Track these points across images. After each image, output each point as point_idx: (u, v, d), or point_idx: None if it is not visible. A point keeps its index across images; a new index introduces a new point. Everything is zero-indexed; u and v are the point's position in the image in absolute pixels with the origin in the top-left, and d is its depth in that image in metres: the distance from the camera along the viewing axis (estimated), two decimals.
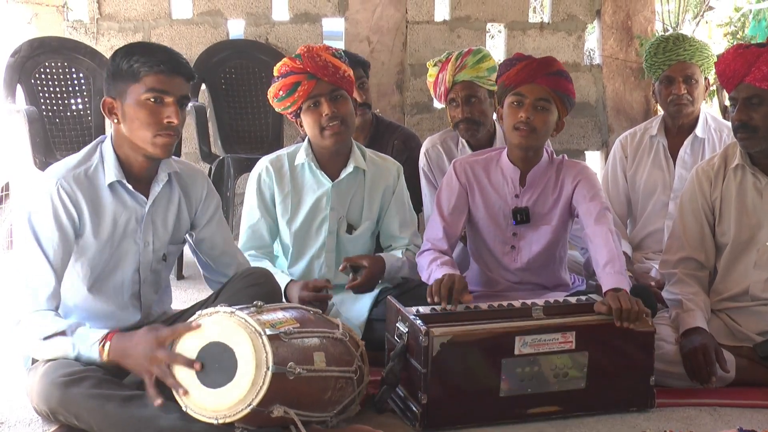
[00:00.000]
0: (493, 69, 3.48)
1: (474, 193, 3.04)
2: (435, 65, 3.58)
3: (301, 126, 3.01)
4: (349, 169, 3.04)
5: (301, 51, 2.94)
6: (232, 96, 4.92)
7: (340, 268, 2.97)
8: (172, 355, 2.21)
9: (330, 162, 3.05)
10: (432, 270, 2.85)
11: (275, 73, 2.97)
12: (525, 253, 3.02)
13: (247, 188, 3.11)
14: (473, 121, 3.49)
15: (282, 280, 2.91)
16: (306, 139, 3.07)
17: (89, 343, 2.33)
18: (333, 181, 3.04)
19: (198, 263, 2.84)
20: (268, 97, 3.01)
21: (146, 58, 2.43)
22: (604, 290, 2.66)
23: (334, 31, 5.56)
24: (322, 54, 2.93)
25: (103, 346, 2.31)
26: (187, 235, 2.73)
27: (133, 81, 2.44)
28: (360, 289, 2.97)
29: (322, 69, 2.91)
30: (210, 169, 4.54)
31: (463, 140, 3.60)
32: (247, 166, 4.41)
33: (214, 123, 4.85)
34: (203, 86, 4.89)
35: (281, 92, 2.94)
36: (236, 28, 5.23)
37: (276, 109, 3.02)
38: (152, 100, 2.42)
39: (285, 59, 2.97)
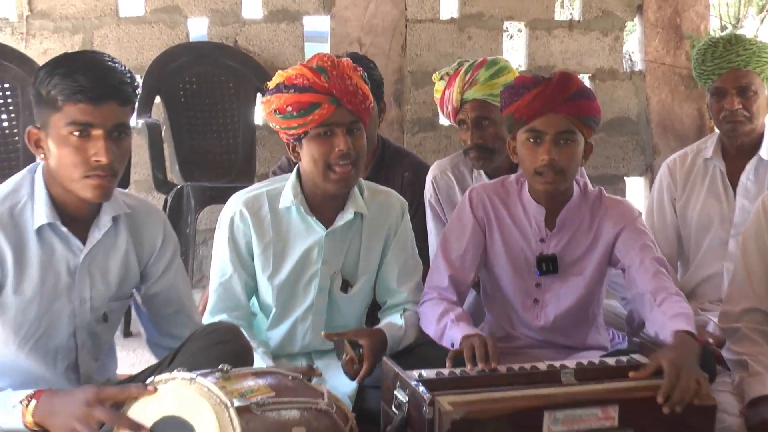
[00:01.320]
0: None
1: (492, 231, 3.05)
2: (441, 79, 3.60)
3: (295, 152, 2.97)
4: (348, 215, 3.00)
5: (325, 64, 2.88)
6: (193, 110, 4.96)
7: (324, 335, 2.90)
8: (115, 415, 2.18)
9: (324, 205, 3.02)
10: (446, 326, 2.85)
11: (283, 80, 2.90)
12: (551, 309, 3.03)
13: (216, 235, 3.07)
14: (486, 148, 3.50)
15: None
16: (295, 173, 3.03)
17: (9, 405, 2.28)
18: (327, 228, 3.01)
19: (141, 324, 2.82)
20: (266, 107, 2.94)
21: (65, 83, 2.35)
22: (659, 331, 2.68)
23: (317, 31, 5.61)
24: (352, 76, 2.90)
25: (27, 405, 2.26)
26: (135, 289, 2.72)
27: (54, 110, 2.38)
28: (359, 374, 2.85)
29: (350, 95, 2.87)
30: (166, 200, 4.57)
31: None
32: (212, 196, 4.43)
33: (171, 144, 4.88)
34: (157, 98, 4.92)
35: (290, 109, 2.87)
36: (198, 28, 5.27)
37: (272, 125, 2.97)
38: (76, 134, 2.37)
39: (301, 68, 2.90)
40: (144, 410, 2.21)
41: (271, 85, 2.92)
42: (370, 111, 2.96)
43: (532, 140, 2.88)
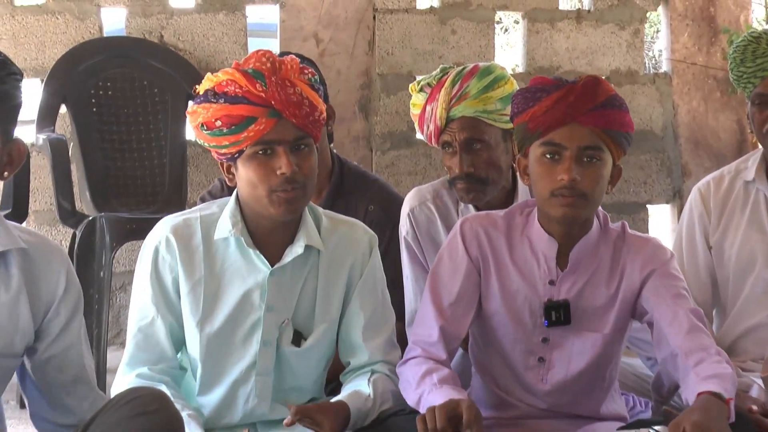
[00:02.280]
0: (510, 98, 3.36)
1: (489, 272, 3.06)
2: (421, 91, 3.55)
3: (230, 174, 2.99)
4: (297, 249, 3.00)
5: (261, 66, 2.88)
6: (108, 123, 4.96)
7: (286, 421, 2.88)
8: None
9: (270, 236, 3.01)
10: (425, 390, 2.85)
11: (213, 86, 2.90)
12: (559, 370, 3.04)
13: (137, 270, 3.06)
14: (477, 178, 3.46)
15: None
16: (234, 198, 3.03)
17: None
18: (273, 265, 3.02)
19: (24, 393, 2.79)
20: (192, 119, 2.95)
21: None
22: (689, 397, 2.70)
23: (264, 23, 5.63)
24: (295, 80, 2.90)
25: None
26: (25, 350, 2.69)
27: None
28: None
29: (293, 106, 2.87)
30: (74, 235, 4.55)
31: None
32: (132, 230, 4.41)
33: (81, 165, 4.88)
34: (63, 108, 4.92)
35: (220, 124, 2.88)
36: (114, 20, 5.29)
37: (201, 143, 2.99)
38: None
39: (233, 72, 2.90)
40: None
41: (200, 90, 2.93)
42: (322, 124, 2.98)
43: (549, 156, 2.89)
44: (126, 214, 4.64)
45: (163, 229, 3.03)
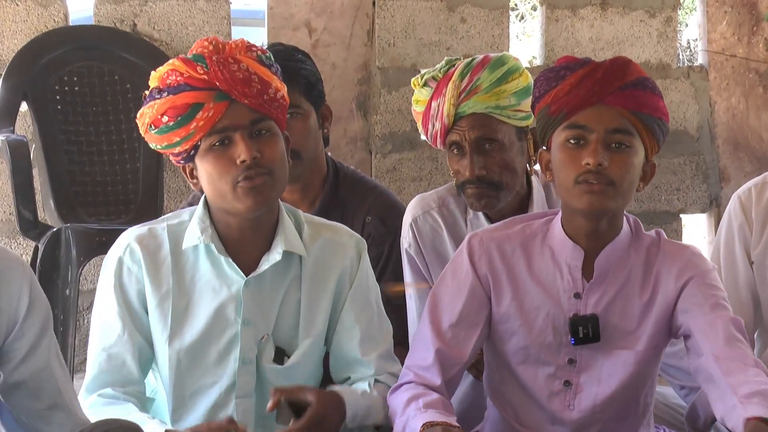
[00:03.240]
0: (525, 92, 3.45)
1: (502, 291, 3.06)
2: (425, 85, 3.56)
3: (194, 178, 3.03)
4: (275, 256, 3.03)
5: (203, 50, 2.95)
6: (74, 123, 4.96)
7: (269, 405, 2.92)
8: None
9: (243, 242, 3.05)
10: (409, 416, 2.87)
11: (154, 83, 2.97)
12: (588, 395, 3.04)
13: (99, 284, 3.10)
14: (489, 182, 3.46)
15: (153, 430, 2.90)
16: (202, 203, 3.07)
17: None
18: (247, 275, 3.04)
19: (2, 424, 2.79)
20: (138, 124, 3.01)
21: None
22: (726, 417, 2.73)
23: (250, 10, 5.65)
24: (240, 57, 2.95)
25: None
26: None
27: None
28: None
29: (241, 84, 2.91)
30: (36, 249, 4.56)
31: None
32: (101, 244, 4.41)
33: (44, 170, 4.88)
34: (23, 106, 4.93)
35: (166, 119, 2.93)
36: (81, 7, 5.29)
37: (152, 146, 3.03)
38: None
39: (173, 61, 2.97)
40: None
41: (146, 94, 2.99)
42: (282, 104, 3.01)
43: (573, 142, 2.90)
44: (94, 225, 4.65)
45: (127, 238, 3.08)
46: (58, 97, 4.97)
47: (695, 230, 6.07)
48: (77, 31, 5.19)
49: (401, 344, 3.41)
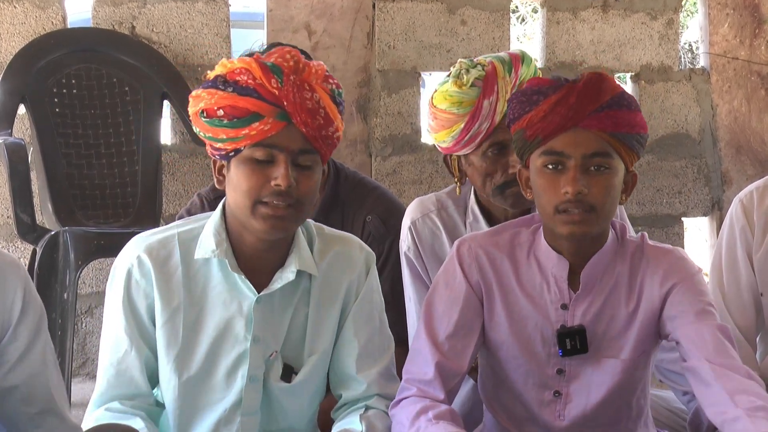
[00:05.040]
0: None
1: (493, 300, 3.06)
2: (461, 83, 3.47)
3: (221, 176, 2.98)
4: (289, 275, 2.99)
5: (282, 63, 2.88)
6: (72, 126, 4.96)
7: None
8: None
9: (257, 259, 3.01)
10: (420, 428, 2.86)
11: (225, 72, 2.90)
12: (578, 404, 3.04)
13: (107, 296, 3.05)
14: None
15: None
16: (220, 211, 3.03)
17: None
18: (259, 292, 3.00)
19: None
20: (193, 103, 2.94)
21: None
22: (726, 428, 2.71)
23: (249, 12, 5.65)
24: (315, 86, 2.90)
25: None
26: None
27: None
28: None
29: (307, 113, 2.87)
30: (34, 252, 4.56)
31: (475, 207, 3.62)
32: (100, 247, 4.42)
33: (42, 173, 4.88)
34: (21, 108, 4.93)
35: (221, 113, 2.87)
36: (79, 9, 5.29)
37: (195, 130, 2.97)
38: None
39: (250, 61, 2.89)
40: None
41: (210, 75, 2.92)
42: (334, 144, 2.98)
43: (551, 167, 2.89)
44: (93, 228, 4.65)
45: (136, 249, 3.03)
46: (56, 100, 4.97)
47: (697, 234, 6.07)
48: (75, 33, 5.18)
49: (400, 345, 3.42)
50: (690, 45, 6.20)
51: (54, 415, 2.76)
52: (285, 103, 2.85)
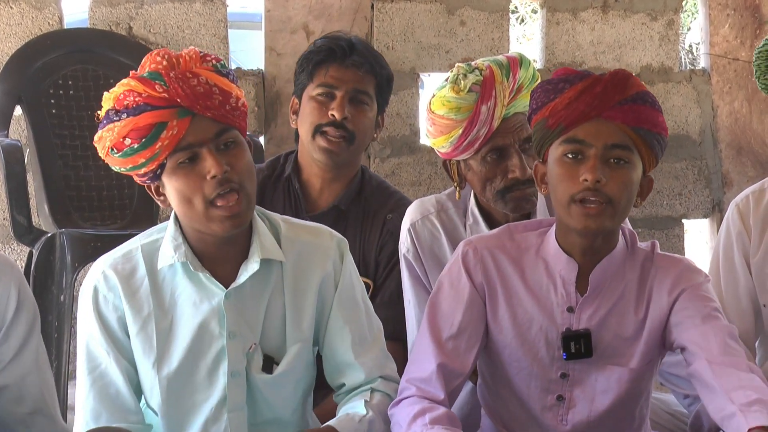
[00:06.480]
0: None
1: (497, 301, 3.06)
2: (458, 89, 3.44)
3: (161, 196, 2.99)
4: (253, 266, 3.01)
5: (157, 66, 2.89)
6: (69, 127, 4.96)
7: None
8: None
9: (219, 255, 3.03)
10: None
11: (109, 104, 2.91)
12: (581, 410, 3.04)
13: (79, 316, 3.04)
14: (532, 182, 3.34)
15: None
16: (172, 219, 3.04)
17: None
18: (226, 287, 3.02)
19: None
20: (99, 150, 2.95)
21: None
22: (724, 424, 2.72)
23: (246, 13, 5.64)
24: (198, 70, 2.91)
25: None
26: None
27: None
28: None
29: (202, 98, 2.88)
30: (30, 254, 4.56)
31: (475, 209, 3.62)
32: (96, 249, 4.38)
33: (39, 174, 4.88)
34: (18, 109, 4.92)
35: (129, 141, 2.87)
36: (76, 10, 5.29)
37: (116, 169, 2.98)
38: None
39: (128, 81, 2.90)
40: None
41: (101, 114, 2.94)
42: (243, 111, 2.99)
43: (570, 156, 2.89)
44: (90, 230, 4.64)
45: (101, 266, 3.05)
46: (52, 101, 4.96)
47: (698, 235, 6.06)
48: (72, 34, 5.17)
49: (393, 339, 3.45)
50: (690, 46, 6.19)
51: (44, 416, 2.78)
52: (179, 100, 2.86)
